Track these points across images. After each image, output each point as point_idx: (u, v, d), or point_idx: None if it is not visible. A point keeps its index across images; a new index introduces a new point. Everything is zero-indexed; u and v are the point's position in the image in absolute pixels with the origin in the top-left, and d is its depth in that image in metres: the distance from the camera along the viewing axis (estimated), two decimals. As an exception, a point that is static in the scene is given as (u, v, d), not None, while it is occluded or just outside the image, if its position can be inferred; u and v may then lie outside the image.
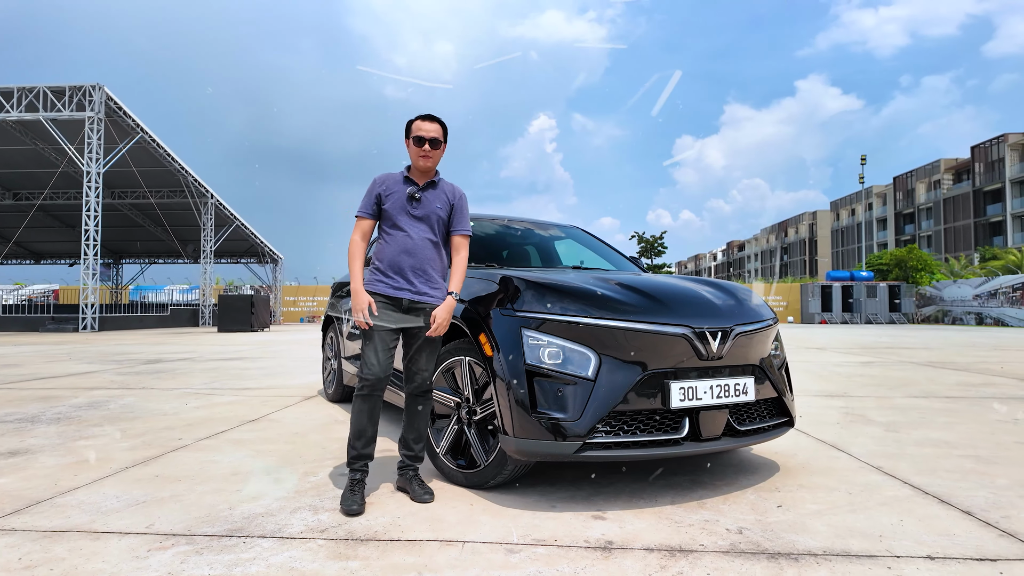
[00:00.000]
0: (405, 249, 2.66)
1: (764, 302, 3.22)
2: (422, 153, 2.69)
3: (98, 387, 6.18)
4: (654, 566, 1.98)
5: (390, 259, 2.66)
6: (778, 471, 3.10)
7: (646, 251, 44.16)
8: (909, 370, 7.94)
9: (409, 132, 2.75)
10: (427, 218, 2.71)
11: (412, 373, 2.72)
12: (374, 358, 2.59)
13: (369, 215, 2.73)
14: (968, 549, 2.11)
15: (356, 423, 2.62)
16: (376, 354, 2.59)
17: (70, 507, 2.51)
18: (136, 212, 29.78)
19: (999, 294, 28.50)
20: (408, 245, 2.66)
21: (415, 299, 2.64)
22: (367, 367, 2.60)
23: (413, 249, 2.67)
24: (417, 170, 2.75)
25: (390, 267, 2.66)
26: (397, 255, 2.66)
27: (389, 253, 2.67)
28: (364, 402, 2.61)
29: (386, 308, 2.63)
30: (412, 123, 2.76)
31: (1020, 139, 51.24)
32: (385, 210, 2.71)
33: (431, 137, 2.70)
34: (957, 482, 2.90)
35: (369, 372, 2.59)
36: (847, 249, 73.44)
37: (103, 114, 19.55)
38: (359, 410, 2.62)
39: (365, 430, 2.61)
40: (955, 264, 40.02)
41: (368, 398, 2.61)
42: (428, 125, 2.72)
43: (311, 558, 2.02)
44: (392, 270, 2.65)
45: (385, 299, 2.64)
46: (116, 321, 22.97)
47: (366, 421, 2.61)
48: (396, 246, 2.67)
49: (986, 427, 4.20)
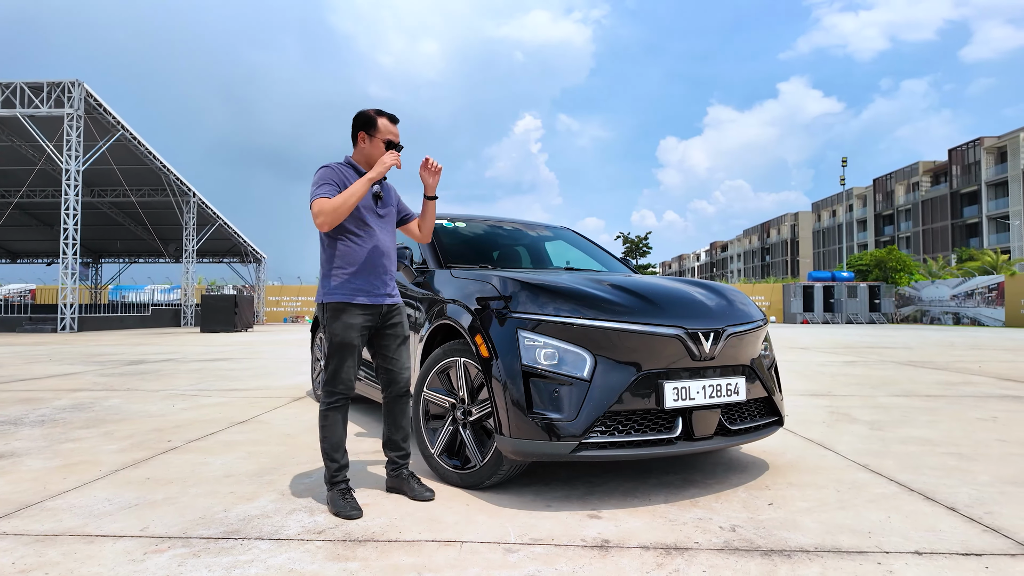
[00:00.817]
0: (384, 252, 2.61)
1: (754, 303, 3.27)
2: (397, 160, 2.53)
3: (81, 388, 6.09)
4: (651, 564, 2.01)
5: (368, 263, 2.56)
6: (768, 469, 3.15)
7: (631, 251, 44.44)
8: (891, 369, 8.09)
9: (372, 128, 2.57)
10: (390, 217, 2.68)
11: (394, 373, 2.67)
12: (350, 374, 2.55)
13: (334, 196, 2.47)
14: (954, 544, 2.16)
15: (332, 436, 2.54)
16: (351, 370, 2.55)
17: (61, 511, 2.48)
18: (116, 211, 29.32)
19: (975, 294, 29.07)
20: (385, 248, 2.62)
21: (395, 303, 2.63)
22: (343, 384, 2.54)
23: (389, 252, 2.64)
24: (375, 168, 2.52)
25: (370, 272, 2.56)
26: (377, 259, 2.58)
27: (364, 257, 2.55)
28: (338, 413, 2.56)
29: (367, 320, 2.56)
30: (377, 119, 2.58)
31: (995, 143, 52.32)
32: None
33: (398, 142, 2.61)
34: (941, 479, 2.97)
35: (344, 388, 2.55)
36: (828, 250, 74.46)
37: (82, 111, 19.23)
38: (334, 422, 2.55)
39: (342, 441, 2.57)
40: (933, 265, 40.76)
41: (342, 409, 2.57)
42: (396, 128, 2.62)
43: (310, 559, 2.02)
44: (372, 275, 2.57)
45: (364, 310, 2.55)
46: (96, 321, 22.61)
47: (342, 432, 2.57)
48: (371, 249, 2.57)
49: (966, 425, 4.30)
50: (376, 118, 2.60)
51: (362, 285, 2.54)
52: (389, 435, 2.73)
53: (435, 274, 3.44)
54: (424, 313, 3.30)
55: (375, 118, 2.59)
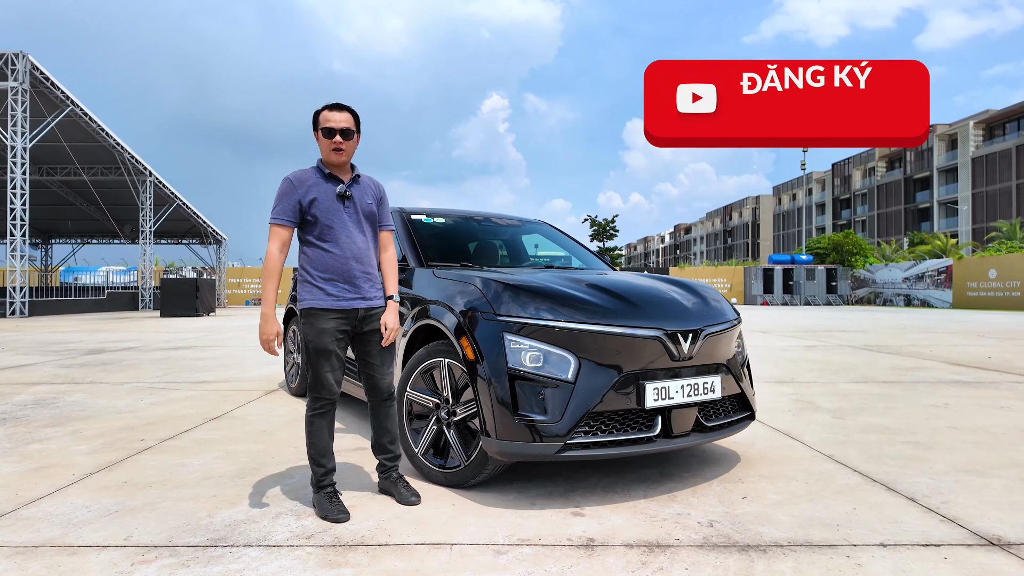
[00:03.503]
0: (355, 256, 2.53)
1: (727, 301, 3.37)
2: (334, 146, 2.49)
3: (41, 382, 5.90)
4: (636, 563, 2.08)
5: (338, 269, 2.51)
6: (740, 461, 3.27)
7: (599, 234, 44.76)
8: (849, 354, 8.42)
9: (317, 124, 2.55)
10: (365, 218, 2.60)
11: (377, 378, 2.66)
12: (331, 379, 2.53)
13: (290, 222, 2.50)
14: (915, 535, 2.31)
15: (318, 442, 2.54)
16: (335, 373, 2.53)
17: (38, 520, 2.42)
18: (67, 190, 28.08)
19: (926, 277, 30.30)
20: (355, 251, 2.53)
21: (371, 306, 2.58)
22: (327, 390, 2.52)
23: (360, 255, 2.54)
24: (331, 166, 2.56)
25: (339, 277, 2.51)
26: (345, 263, 2.51)
27: (334, 262, 2.51)
28: (323, 419, 2.55)
29: (341, 325, 2.52)
30: (319, 113, 2.55)
31: (947, 130, 54.18)
32: (313, 215, 2.49)
33: (342, 127, 2.50)
34: (901, 468, 3.13)
35: (328, 394, 2.53)
36: (788, 232, 76.37)
37: (28, 84, 18.27)
38: (319, 428, 2.54)
39: (327, 447, 2.56)
40: (887, 248, 42.25)
41: (327, 415, 2.56)
42: (337, 115, 2.53)
43: (302, 567, 2.03)
44: (343, 280, 2.51)
45: (338, 314, 2.52)
46: (48, 306, 21.74)
47: (327, 438, 2.56)
48: (341, 253, 2.51)
49: (921, 412, 4.53)
50: (319, 113, 2.58)
51: (331, 290, 2.51)
52: (376, 439, 2.73)
53: (416, 272, 3.43)
54: (406, 312, 3.29)
55: (319, 113, 2.58)
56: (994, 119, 50.46)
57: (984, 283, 26.89)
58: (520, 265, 4.17)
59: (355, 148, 2.59)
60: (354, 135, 2.56)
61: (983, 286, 26.92)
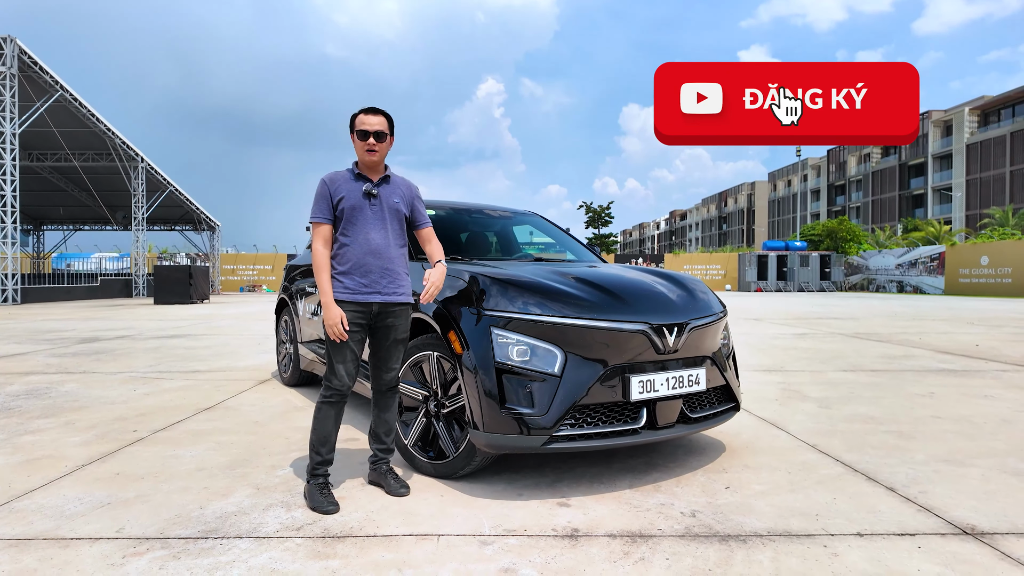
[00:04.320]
0: (371, 250, 2.62)
1: (714, 293, 3.40)
2: (368, 147, 2.64)
3: (34, 371, 5.91)
4: (618, 553, 2.13)
5: (356, 262, 2.61)
6: (725, 451, 3.33)
7: (593, 221, 44.74)
8: (839, 342, 8.50)
9: (353, 126, 2.69)
10: (389, 215, 2.68)
11: (381, 372, 2.74)
12: (343, 370, 2.60)
13: (326, 219, 2.65)
14: (891, 525, 2.36)
15: (321, 429, 2.61)
16: (345, 365, 2.60)
17: (30, 512, 2.46)
18: (58, 176, 27.86)
19: (918, 264, 30.49)
20: (373, 246, 2.63)
21: (387, 300, 2.64)
22: (337, 378, 2.60)
23: (379, 250, 2.63)
24: (364, 166, 2.69)
25: (357, 271, 2.61)
26: (363, 257, 2.61)
27: (354, 256, 2.61)
28: (331, 408, 2.62)
29: (356, 318, 2.60)
30: (356, 117, 2.70)
31: (942, 116, 54.18)
32: (342, 211, 2.63)
33: (376, 131, 2.64)
34: (882, 458, 3.20)
35: (339, 383, 2.60)
36: (783, 219, 76.45)
37: (16, 69, 18.04)
38: (325, 416, 2.61)
39: (330, 436, 2.62)
40: (880, 235, 42.40)
41: (336, 404, 2.63)
42: (372, 118, 2.67)
43: (291, 558, 2.07)
44: (359, 274, 2.61)
45: (354, 307, 2.60)
46: (41, 293, 21.66)
47: (331, 427, 2.62)
48: (360, 248, 2.62)
49: (906, 401, 4.60)
50: (355, 117, 2.71)
51: (348, 283, 2.61)
52: (374, 427, 2.79)
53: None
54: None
55: (355, 116, 2.71)
56: (989, 105, 50.48)
57: (976, 270, 27.08)
58: (511, 257, 4.19)
59: (388, 149, 2.73)
60: (387, 137, 2.69)
61: (975, 273, 27.11)
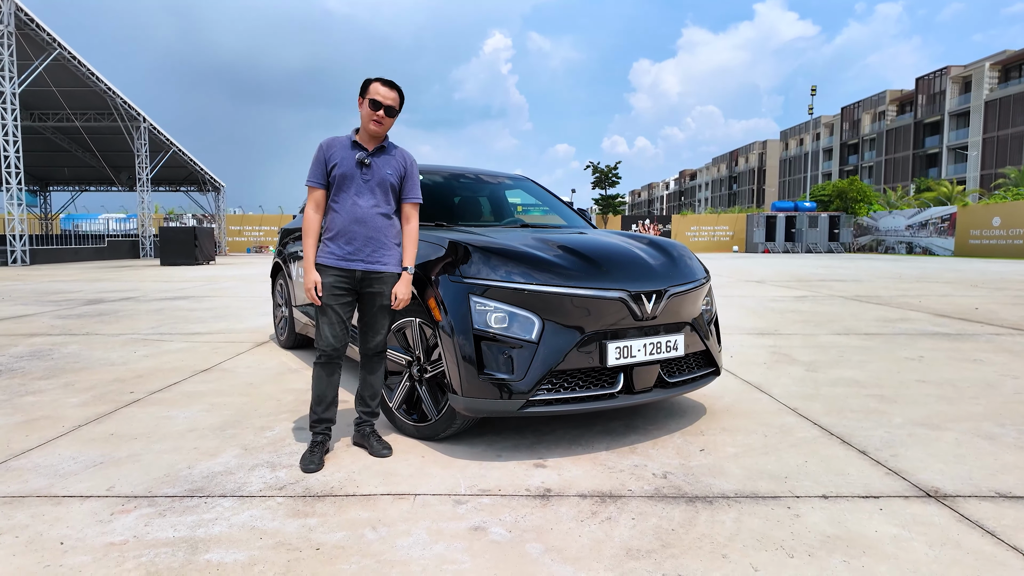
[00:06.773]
0: (356, 218, 2.65)
1: (698, 259, 3.41)
2: (375, 118, 2.64)
3: (38, 333, 6.03)
4: (586, 512, 2.21)
5: (341, 228, 2.65)
6: (704, 414, 3.39)
7: (600, 181, 44.24)
8: (837, 305, 8.49)
9: (365, 92, 2.67)
10: (379, 185, 2.69)
11: (368, 336, 2.80)
12: (329, 332, 2.67)
13: (320, 184, 2.68)
14: (857, 488, 2.42)
15: (316, 388, 2.72)
16: (331, 327, 2.67)
17: (26, 471, 2.56)
18: (61, 136, 27.75)
19: (929, 225, 30.09)
20: (359, 214, 2.65)
21: (369, 269, 2.67)
22: (323, 341, 2.69)
23: (365, 218, 2.66)
24: (366, 134, 2.70)
25: (341, 237, 2.65)
26: (348, 224, 2.65)
27: (340, 223, 2.66)
28: (323, 369, 2.71)
29: (339, 282, 2.65)
30: (370, 84, 2.68)
31: (961, 72, 52.58)
32: (334, 178, 2.65)
33: (388, 105, 2.66)
34: (859, 422, 3.25)
35: (326, 345, 2.68)
36: (794, 179, 75.32)
37: (13, 27, 17.81)
38: (317, 376, 2.72)
39: (324, 395, 2.72)
40: (892, 195, 41.75)
41: (326, 366, 2.71)
42: (387, 91, 2.67)
43: (271, 516, 2.16)
44: (343, 240, 2.65)
45: (337, 272, 2.65)
46: (49, 254, 21.88)
47: (325, 387, 2.72)
48: (347, 215, 2.65)
49: (894, 365, 4.63)
50: (369, 83, 2.70)
51: (333, 248, 2.67)
52: (360, 390, 2.87)
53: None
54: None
55: (368, 83, 2.70)
56: (1011, 60, 48.86)
57: (987, 231, 26.72)
58: (499, 223, 4.19)
59: (392, 124, 2.74)
60: (396, 113, 2.71)
61: (986, 234, 26.76)
